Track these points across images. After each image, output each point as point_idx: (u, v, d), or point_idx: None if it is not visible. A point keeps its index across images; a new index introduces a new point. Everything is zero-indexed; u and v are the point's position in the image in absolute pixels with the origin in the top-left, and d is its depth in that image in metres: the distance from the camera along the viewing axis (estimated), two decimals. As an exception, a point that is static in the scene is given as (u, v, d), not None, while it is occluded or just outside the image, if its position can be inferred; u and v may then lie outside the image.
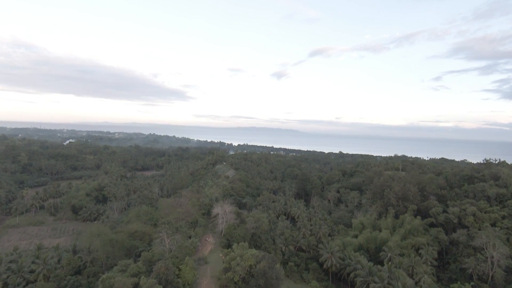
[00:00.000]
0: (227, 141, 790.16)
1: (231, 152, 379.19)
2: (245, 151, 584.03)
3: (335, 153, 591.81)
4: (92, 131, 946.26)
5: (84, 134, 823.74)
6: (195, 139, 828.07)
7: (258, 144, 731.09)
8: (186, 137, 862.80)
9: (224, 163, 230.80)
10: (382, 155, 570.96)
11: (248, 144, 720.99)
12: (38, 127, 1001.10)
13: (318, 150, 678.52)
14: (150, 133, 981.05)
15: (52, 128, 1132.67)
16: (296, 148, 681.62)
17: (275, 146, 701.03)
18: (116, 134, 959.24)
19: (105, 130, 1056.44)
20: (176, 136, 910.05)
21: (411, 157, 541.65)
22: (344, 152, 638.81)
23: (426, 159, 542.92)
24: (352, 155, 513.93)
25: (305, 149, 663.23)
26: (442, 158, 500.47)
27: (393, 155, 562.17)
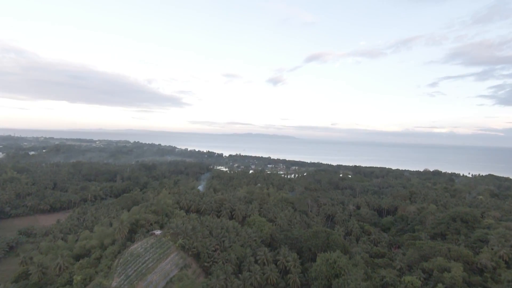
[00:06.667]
0: (219, 150, 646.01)
1: (205, 179, 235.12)
2: (236, 166, 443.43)
3: (346, 166, 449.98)
4: (67, 139, 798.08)
5: (57, 143, 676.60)
6: (182, 147, 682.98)
7: (253, 155, 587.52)
8: (172, 146, 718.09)
9: (158, 232, 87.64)
10: (409, 169, 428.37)
11: (242, 154, 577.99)
12: (12, 134, 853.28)
13: (323, 161, 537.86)
14: (135, 141, 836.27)
15: (40, 135, 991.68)
16: (297, 160, 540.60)
17: (272, 157, 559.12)
18: (98, 141, 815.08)
19: (88, 138, 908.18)
20: (162, 144, 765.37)
21: (447, 172, 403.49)
22: (356, 163, 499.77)
23: (468, 175, 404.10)
24: (371, 172, 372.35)
25: (308, 161, 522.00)
26: (491, 175, 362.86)
27: (422, 170, 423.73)
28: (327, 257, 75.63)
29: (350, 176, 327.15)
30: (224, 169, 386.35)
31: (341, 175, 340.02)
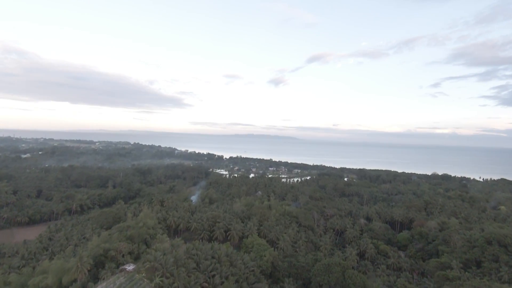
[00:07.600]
0: (220, 152, 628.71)
1: (200, 187, 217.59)
2: (237, 169, 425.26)
3: (350, 169, 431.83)
4: (67, 140, 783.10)
5: (55, 144, 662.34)
6: (183, 149, 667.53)
7: (254, 157, 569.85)
8: (172, 147, 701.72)
9: (131, 267, 70.03)
10: (415, 172, 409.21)
11: (243, 156, 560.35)
12: (12, 136, 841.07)
13: (326, 163, 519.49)
14: (135, 142, 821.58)
15: (41, 136, 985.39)
16: (299, 162, 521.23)
17: (274, 159, 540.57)
18: (97, 143, 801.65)
19: (88, 139, 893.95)
20: (163, 145, 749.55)
21: (456, 176, 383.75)
22: (360, 165, 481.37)
23: (479, 179, 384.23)
24: (377, 176, 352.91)
25: (311, 163, 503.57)
26: (503, 179, 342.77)
27: (430, 173, 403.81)
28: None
29: (355, 181, 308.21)
30: (224, 173, 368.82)
31: (346, 179, 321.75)
